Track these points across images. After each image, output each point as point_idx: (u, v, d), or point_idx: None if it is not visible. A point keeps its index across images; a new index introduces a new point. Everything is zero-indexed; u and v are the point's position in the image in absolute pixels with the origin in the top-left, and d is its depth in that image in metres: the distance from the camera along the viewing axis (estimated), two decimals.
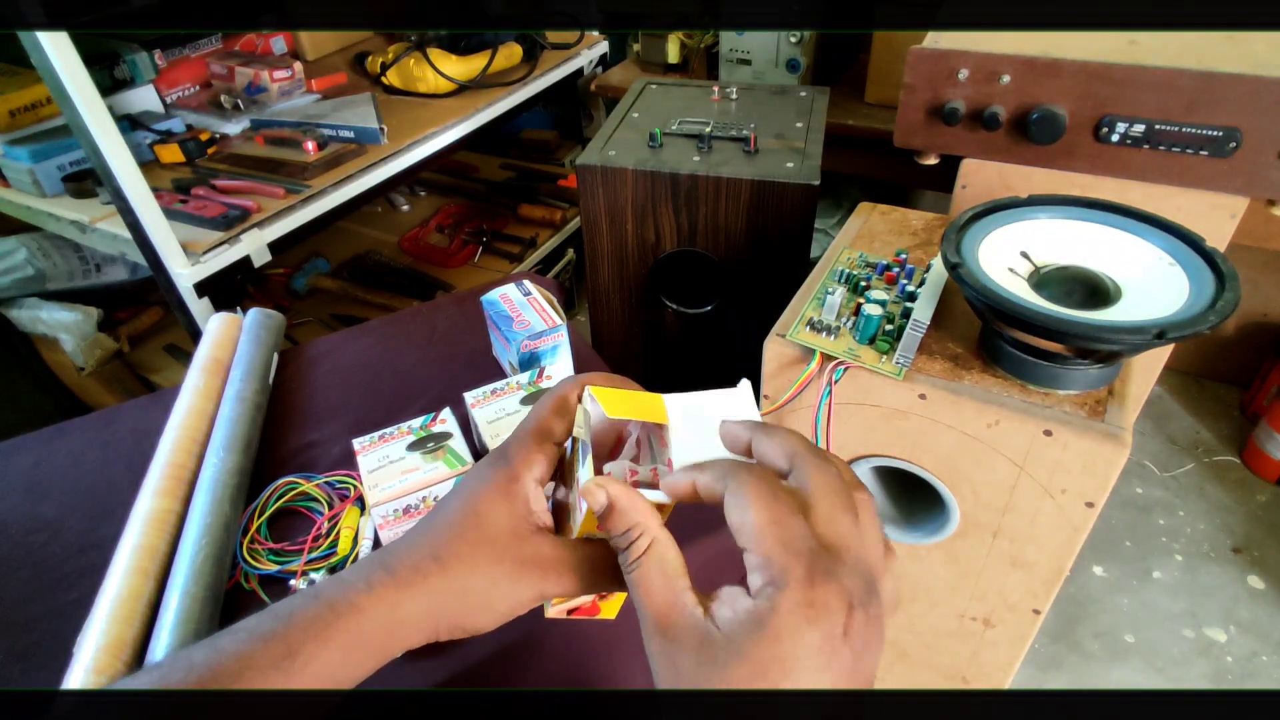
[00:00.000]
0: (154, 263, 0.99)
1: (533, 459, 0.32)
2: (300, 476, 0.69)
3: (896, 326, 0.69)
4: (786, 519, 0.25)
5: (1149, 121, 0.78)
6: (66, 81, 0.83)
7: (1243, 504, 1.40)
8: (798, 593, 0.23)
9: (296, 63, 1.44)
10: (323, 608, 0.29)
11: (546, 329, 0.77)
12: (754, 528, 0.25)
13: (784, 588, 0.24)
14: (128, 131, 1.24)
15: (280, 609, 0.30)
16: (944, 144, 0.90)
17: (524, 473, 0.32)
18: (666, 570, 0.27)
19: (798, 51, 1.36)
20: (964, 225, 0.64)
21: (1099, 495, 0.62)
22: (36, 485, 0.71)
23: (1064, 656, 1.19)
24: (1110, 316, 0.57)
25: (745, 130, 1.02)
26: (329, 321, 1.56)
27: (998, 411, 0.63)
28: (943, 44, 0.85)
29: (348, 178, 1.20)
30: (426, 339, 0.89)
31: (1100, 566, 1.31)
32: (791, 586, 0.24)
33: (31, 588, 0.61)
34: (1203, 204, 0.81)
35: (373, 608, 0.29)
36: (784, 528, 0.25)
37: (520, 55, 1.56)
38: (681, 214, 0.99)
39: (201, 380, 0.75)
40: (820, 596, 0.23)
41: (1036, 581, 0.72)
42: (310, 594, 0.30)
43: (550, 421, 0.33)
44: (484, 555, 0.31)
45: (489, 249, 1.72)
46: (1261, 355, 1.54)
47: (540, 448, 0.33)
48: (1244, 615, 1.23)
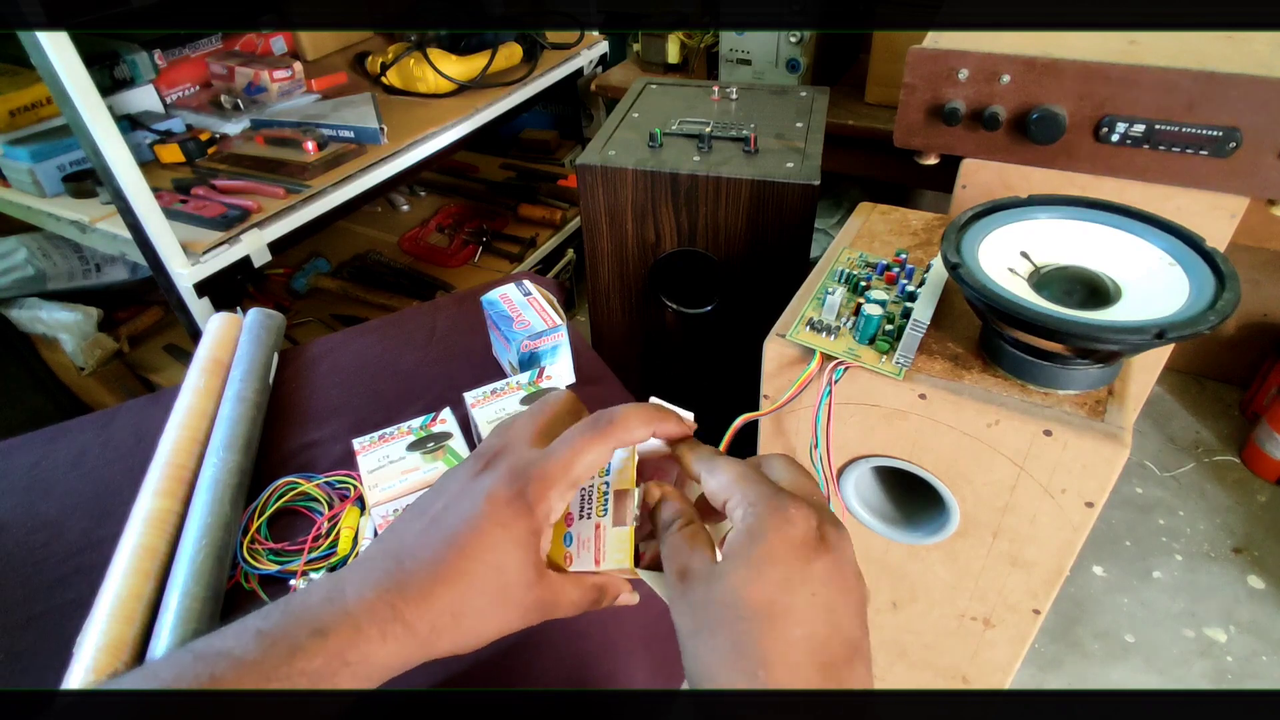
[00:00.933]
0: (154, 263, 0.99)
1: (557, 508, 0.31)
2: (300, 476, 0.69)
3: (896, 326, 0.69)
4: (755, 473, 0.31)
5: (1149, 121, 0.78)
6: (66, 81, 0.83)
7: (1243, 504, 1.40)
8: (774, 507, 0.29)
9: (296, 63, 1.44)
10: (334, 661, 0.28)
11: (546, 329, 0.77)
12: (729, 479, 0.31)
13: (761, 506, 0.29)
14: (128, 131, 1.24)
15: (280, 649, 0.28)
16: (944, 144, 0.90)
17: (547, 527, 0.31)
18: (698, 540, 0.31)
19: (798, 51, 1.35)
20: (964, 225, 0.64)
21: (1099, 495, 0.62)
22: (36, 485, 0.71)
23: (1064, 656, 1.19)
24: (1110, 316, 0.57)
25: (745, 130, 1.02)
26: (329, 321, 1.56)
27: (998, 411, 0.63)
28: (943, 44, 0.85)
29: (348, 178, 1.20)
30: (426, 339, 0.89)
31: (1100, 566, 1.31)
32: (769, 504, 0.29)
33: (31, 588, 0.61)
34: (1203, 204, 0.81)
35: (386, 659, 0.29)
36: (754, 479, 0.31)
37: (520, 55, 1.56)
38: (681, 214, 0.99)
39: (201, 380, 0.75)
40: (792, 508, 0.29)
41: (1036, 581, 0.72)
42: (317, 631, 0.28)
43: (584, 470, 0.31)
44: (499, 608, 0.31)
45: (489, 249, 1.72)
46: (1261, 355, 1.54)
47: (566, 496, 0.32)
48: (1244, 615, 1.23)
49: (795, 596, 0.27)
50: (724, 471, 0.31)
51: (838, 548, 0.29)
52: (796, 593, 0.27)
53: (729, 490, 0.31)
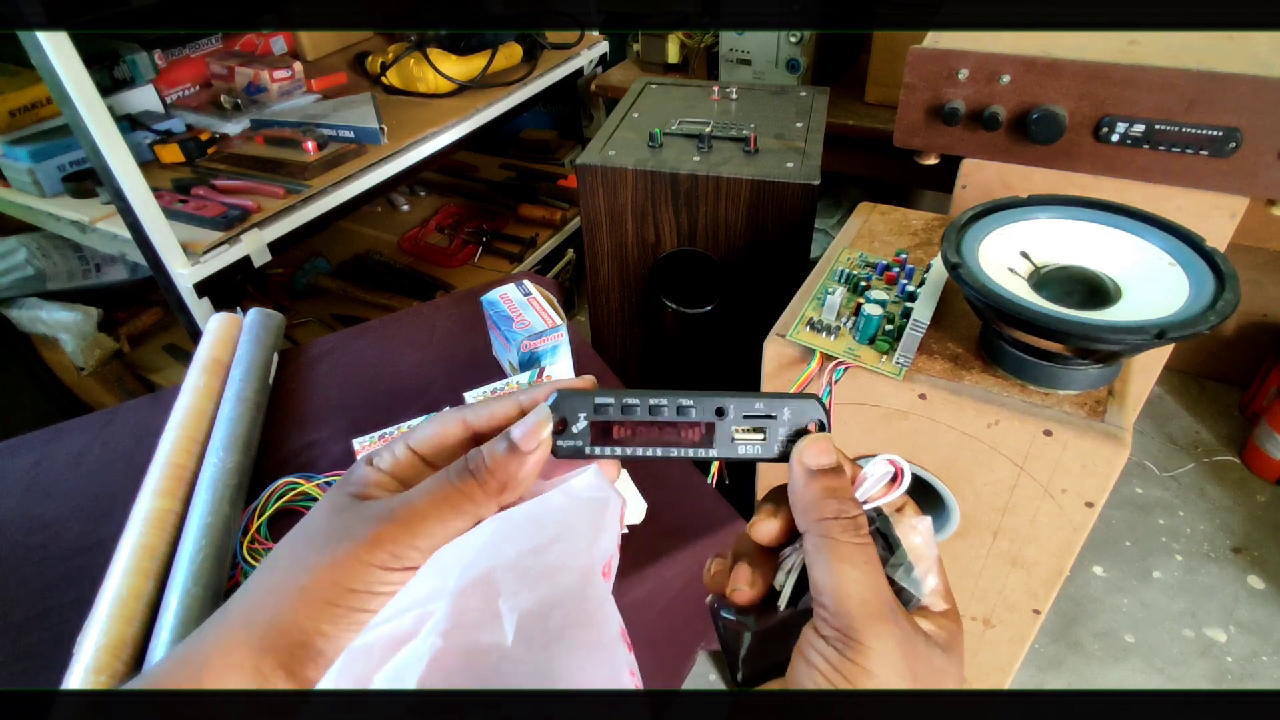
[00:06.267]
0: (154, 263, 0.99)
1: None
2: (300, 476, 0.69)
3: (896, 326, 0.69)
4: (898, 621, 0.26)
5: (1149, 121, 0.78)
6: (66, 81, 0.83)
7: (1243, 504, 1.40)
8: (960, 631, 0.27)
9: (296, 63, 1.44)
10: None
11: (546, 329, 0.77)
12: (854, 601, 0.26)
13: (953, 630, 0.27)
14: (128, 131, 1.24)
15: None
16: (944, 144, 0.90)
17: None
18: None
19: (798, 51, 1.35)
20: (964, 225, 0.64)
21: (1099, 495, 0.62)
22: (36, 485, 0.71)
23: (1064, 656, 1.19)
24: (1110, 316, 0.57)
25: (745, 130, 1.02)
26: (329, 321, 1.56)
27: (998, 411, 0.63)
28: (943, 44, 0.85)
29: (348, 178, 1.20)
30: (426, 339, 0.89)
31: (1100, 566, 1.31)
32: (957, 626, 0.27)
33: (31, 588, 0.61)
34: (1203, 204, 0.81)
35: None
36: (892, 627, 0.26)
37: (520, 55, 1.56)
38: (681, 214, 0.99)
39: (201, 380, 0.75)
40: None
41: (1036, 581, 0.72)
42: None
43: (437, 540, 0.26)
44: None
45: (489, 249, 1.72)
46: (1261, 355, 1.54)
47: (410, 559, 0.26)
48: (1244, 615, 1.23)
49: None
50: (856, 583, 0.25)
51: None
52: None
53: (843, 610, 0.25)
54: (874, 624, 0.24)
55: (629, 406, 0.28)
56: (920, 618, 0.26)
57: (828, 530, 0.26)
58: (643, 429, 0.28)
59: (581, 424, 0.28)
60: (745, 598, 0.28)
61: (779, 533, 0.28)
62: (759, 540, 0.28)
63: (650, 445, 0.28)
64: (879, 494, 0.28)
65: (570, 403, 0.28)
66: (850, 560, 0.25)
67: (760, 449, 0.29)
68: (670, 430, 0.28)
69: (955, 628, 0.27)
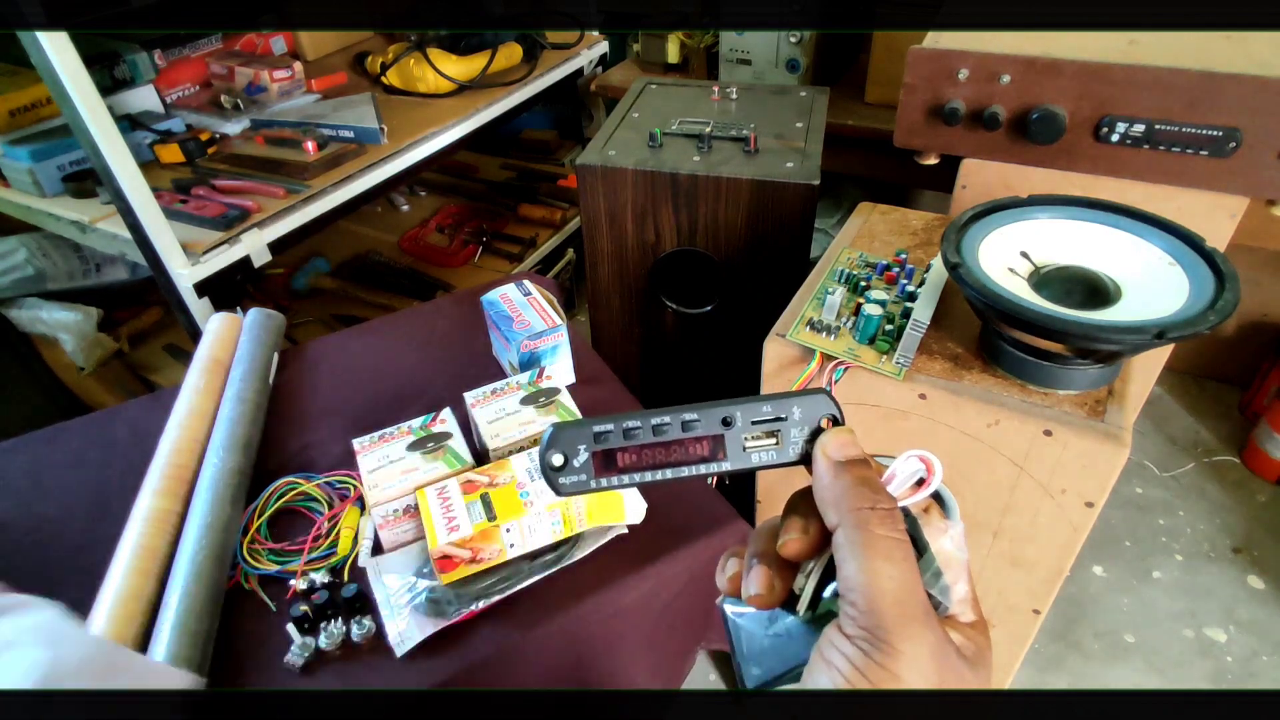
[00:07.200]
0: (154, 263, 0.99)
1: None
2: (300, 476, 0.69)
3: (896, 326, 0.69)
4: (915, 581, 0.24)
5: (1149, 121, 0.78)
6: (66, 81, 0.83)
7: (1243, 504, 1.40)
8: (988, 645, 0.26)
9: (296, 63, 1.44)
10: None
11: (546, 329, 0.77)
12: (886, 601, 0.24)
13: (981, 643, 0.25)
14: (128, 131, 1.24)
15: None
16: (944, 144, 0.90)
17: None
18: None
19: (798, 51, 1.35)
20: (964, 225, 0.64)
21: (1099, 495, 0.62)
22: (36, 485, 0.71)
23: (1064, 656, 1.19)
24: (1110, 316, 0.57)
25: (745, 130, 1.02)
26: (329, 321, 1.56)
27: (998, 411, 0.63)
28: (943, 44, 0.85)
29: (348, 178, 1.20)
30: (426, 339, 0.89)
31: (1100, 566, 1.31)
32: (986, 640, 0.26)
33: (31, 588, 0.61)
34: (1203, 204, 0.81)
35: None
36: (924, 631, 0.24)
37: (520, 55, 1.56)
38: (681, 214, 0.99)
39: (201, 380, 0.75)
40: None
41: (1036, 581, 0.72)
42: None
43: None
44: None
45: (489, 249, 1.72)
46: (1261, 355, 1.54)
47: None
48: (1244, 615, 1.23)
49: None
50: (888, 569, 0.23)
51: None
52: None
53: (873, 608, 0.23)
54: (908, 626, 0.22)
55: (630, 430, 0.26)
56: (948, 628, 0.25)
57: (864, 521, 0.24)
58: (648, 451, 0.27)
59: (583, 456, 0.26)
60: (764, 603, 0.26)
61: (810, 548, 0.26)
62: (789, 557, 0.27)
63: (658, 468, 0.27)
64: (907, 493, 0.26)
65: (567, 436, 0.26)
66: (887, 556, 0.23)
67: (775, 454, 0.27)
68: (677, 449, 0.27)
69: (984, 641, 0.25)
